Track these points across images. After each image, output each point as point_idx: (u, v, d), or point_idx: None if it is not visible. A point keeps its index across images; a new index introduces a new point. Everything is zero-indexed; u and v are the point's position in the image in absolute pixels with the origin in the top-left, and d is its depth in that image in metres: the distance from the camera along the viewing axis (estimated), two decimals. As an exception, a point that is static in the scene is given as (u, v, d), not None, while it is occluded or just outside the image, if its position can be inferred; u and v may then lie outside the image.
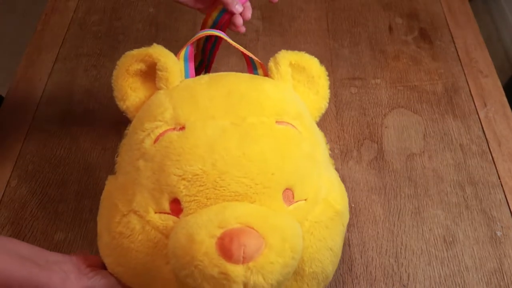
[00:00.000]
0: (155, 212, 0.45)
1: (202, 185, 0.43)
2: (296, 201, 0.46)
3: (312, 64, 0.55)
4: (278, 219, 0.42)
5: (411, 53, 0.89)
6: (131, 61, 0.51)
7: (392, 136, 0.77)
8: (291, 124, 0.49)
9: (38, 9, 0.97)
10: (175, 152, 0.45)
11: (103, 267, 0.49)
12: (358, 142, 0.77)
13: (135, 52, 0.51)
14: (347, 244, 0.66)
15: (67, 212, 0.68)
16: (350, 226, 0.68)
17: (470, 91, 0.83)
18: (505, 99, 0.82)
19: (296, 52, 0.55)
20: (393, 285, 0.63)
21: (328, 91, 0.57)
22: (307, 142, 0.50)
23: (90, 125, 0.77)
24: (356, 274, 0.64)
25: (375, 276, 0.63)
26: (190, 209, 0.43)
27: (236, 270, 0.37)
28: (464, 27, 0.93)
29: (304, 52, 0.55)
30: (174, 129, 0.47)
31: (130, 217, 0.45)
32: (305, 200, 0.47)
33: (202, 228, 0.39)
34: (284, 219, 0.42)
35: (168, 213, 0.44)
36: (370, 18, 0.95)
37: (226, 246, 0.37)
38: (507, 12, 1.23)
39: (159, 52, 0.50)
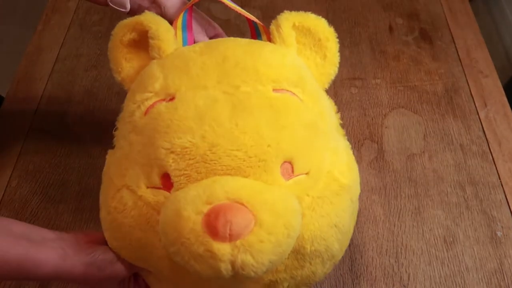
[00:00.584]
0: (147, 187, 0.43)
1: (192, 159, 0.41)
2: (296, 175, 0.43)
3: (318, 25, 0.51)
4: (272, 193, 0.39)
5: (412, 53, 0.89)
6: (124, 30, 0.49)
7: (392, 136, 0.77)
8: (290, 92, 0.46)
9: (39, 9, 0.97)
10: (163, 124, 0.43)
11: (104, 243, 0.48)
12: (359, 142, 0.77)
13: (127, 21, 0.49)
14: (347, 244, 0.66)
15: (67, 212, 0.68)
16: (350, 226, 0.68)
17: (470, 91, 0.83)
18: (505, 99, 0.82)
19: (300, 12, 0.50)
20: (393, 285, 0.63)
21: (337, 54, 0.52)
22: (309, 110, 0.46)
23: (90, 125, 0.78)
24: (357, 274, 0.64)
25: (376, 276, 0.63)
26: (180, 183, 0.41)
27: (223, 248, 0.35)
28: (464, 27, 0.93)
29: (310, 12, 0.51)
30: (164, 100, 0.44)
31: (123, 192, 0.44)
32: (307, 173, 0.43)
33: (190, 204, 0.37)
34: (278, 194, 0.39)
35: (159, 188, 0.42)
36: (371, 18, 0.95)
37: (212, 223, 0.36)
38: (507, 12, 1.23)
39: (149, 19, 0.48)
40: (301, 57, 0.51)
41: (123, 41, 0.49)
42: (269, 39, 0.52)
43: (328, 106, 0.50)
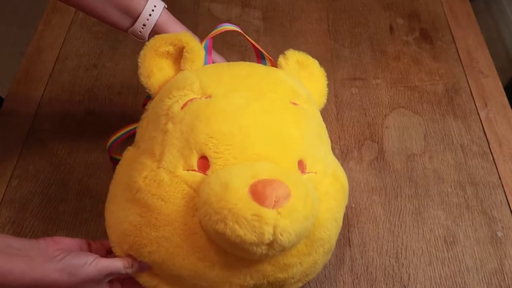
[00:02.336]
0: (184, 169, 0.48)
1: (230, 144, 0.47)
2: (308, 172, 0.50)
3: (313, 64, 0.62)
4: (301, 177, 0.47)
5: (412, 54, 0.89)
6: (161, 42, 0.56)
7: (392, 137, 0.77)
8: (302, 107, 0.54)
9: (39, 9, 0.97)
10: (204, 114, 0.49)
11: (72, 249, 0.48)
12: (359, 142, 0.77)
13: (166, 35, 0.57)
14: (347, 244, 0.66)
15: (67, 212, 0.68)
16: (350, 226, 0.68)
17: (471, 91, 0.83)
18: (506, 99, 0.82)
19: (301, 52, 0.61)
20: (394, 285, 0.63)
21: (326, 89, 0.62)
22: (316, 122, 0.55)
23: (90, 125, 0.78)
24: (357, 274, 0.64)
25: (376, 276, 0.63)
26: (217, 165, 0.46)
27: (269, 212, 0.41)
28: (465, 27, 0.93)
29: (306, 53, 0.61)
30: (201, 98, 0.51)
31: (160, 171, 0.48)
32: (315, 173, 0.51)
33: (237, 177, 0.43)
34: (304, 179, 0.47)
35: (195, 170, 0.47)
36: (371, 18, 0.95)
37: (260, 191, 0.41)
38: (508, 12, 1.23)
39: (187, 38, 0.56)
40: None
41: (158, 51, 0.56)
42: (273, 65, 0.62)
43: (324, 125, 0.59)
